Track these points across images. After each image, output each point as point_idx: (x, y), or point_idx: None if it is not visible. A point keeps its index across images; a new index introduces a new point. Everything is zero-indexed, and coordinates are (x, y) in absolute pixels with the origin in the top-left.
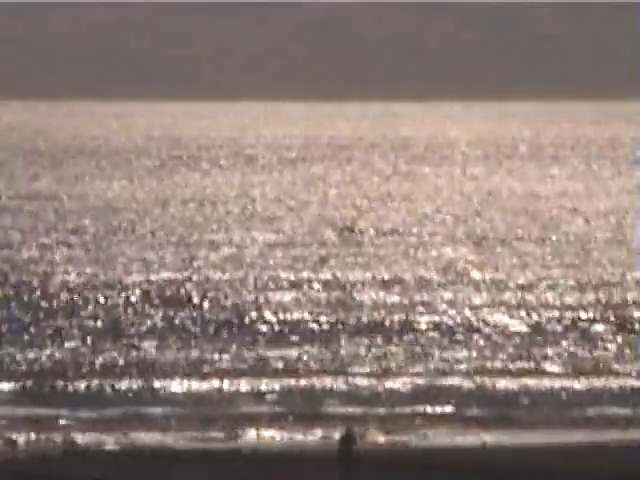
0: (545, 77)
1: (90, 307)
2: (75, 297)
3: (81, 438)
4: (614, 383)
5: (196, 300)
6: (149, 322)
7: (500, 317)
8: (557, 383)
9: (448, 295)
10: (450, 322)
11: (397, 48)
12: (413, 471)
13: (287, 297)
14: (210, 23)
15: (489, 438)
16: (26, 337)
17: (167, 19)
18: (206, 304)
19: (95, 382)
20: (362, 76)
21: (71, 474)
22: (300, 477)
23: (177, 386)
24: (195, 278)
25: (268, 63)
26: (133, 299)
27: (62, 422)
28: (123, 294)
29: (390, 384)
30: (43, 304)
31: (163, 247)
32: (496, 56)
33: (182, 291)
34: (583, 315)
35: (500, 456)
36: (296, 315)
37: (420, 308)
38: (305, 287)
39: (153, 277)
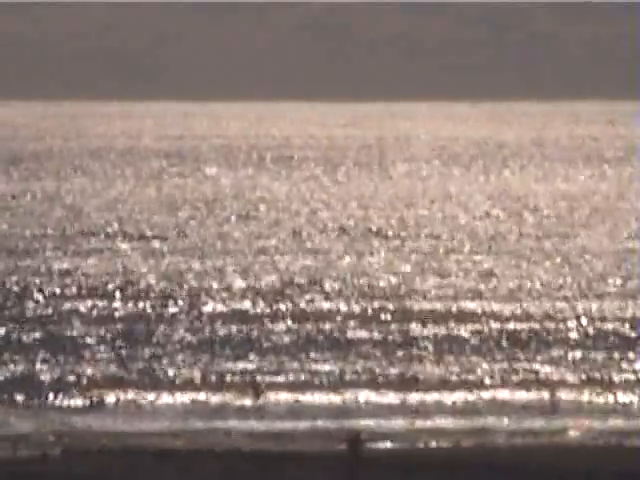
0: (545, 77)
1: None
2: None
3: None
4: None
5: (205, 309)
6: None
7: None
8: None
9: (456, 302)
10: (459, 330)
11: (397, 48)
12: (416, 472)
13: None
14: (210, 23)
15: (491, 438)
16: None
17: (167, 19)
18: (215, 313)
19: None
20: (361, 76)
21: (71, 474)
22: (303, 477)
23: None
24: (206, 285)
25: (268, 63)
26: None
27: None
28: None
29: (395, 394)
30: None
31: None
32: (496, 56)
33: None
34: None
35: (501, 456)
36: (301, 324)
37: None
38: (309, 295)
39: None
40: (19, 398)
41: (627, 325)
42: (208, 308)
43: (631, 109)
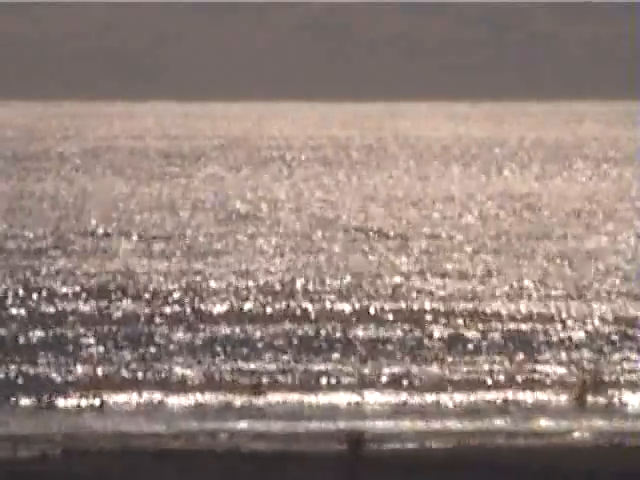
0: (545, 77)
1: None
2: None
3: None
4: None
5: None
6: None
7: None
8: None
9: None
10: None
11: (397, 48)
12: (417, 472)
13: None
14: (210, 23)
15: (492, 439)
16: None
17: (167, 19)
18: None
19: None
20: (361, 76)
21: (71, 474)
22: (304, 478)
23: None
24: (204, 286)
25: (268, 63)
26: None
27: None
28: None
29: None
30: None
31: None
32: (496, 56)
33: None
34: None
35: (503, 456)
36: (301, 324)
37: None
38: (310, 295)
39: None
40: (19, 398)
41: (627, 325)
42: (208, 308)
43: (631, 109)
